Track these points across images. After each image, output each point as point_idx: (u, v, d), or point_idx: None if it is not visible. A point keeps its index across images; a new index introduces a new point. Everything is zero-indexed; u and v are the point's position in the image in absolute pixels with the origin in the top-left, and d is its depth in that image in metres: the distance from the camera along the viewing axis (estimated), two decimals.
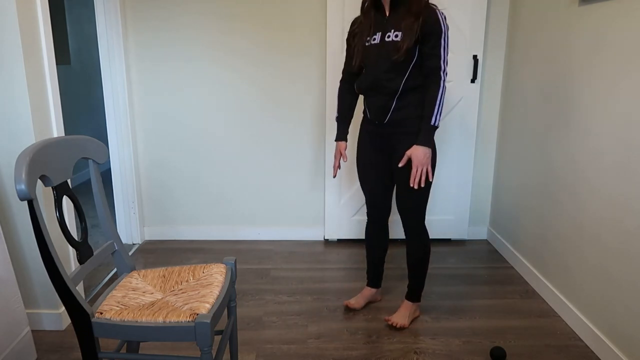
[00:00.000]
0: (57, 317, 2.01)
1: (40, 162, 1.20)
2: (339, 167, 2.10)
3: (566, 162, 2.13)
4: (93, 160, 1.47)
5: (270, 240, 3.06)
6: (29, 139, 1.80)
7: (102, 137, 2.43)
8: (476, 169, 2.98)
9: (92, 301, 2.27)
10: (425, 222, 2.01)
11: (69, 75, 4.24)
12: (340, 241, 3.03)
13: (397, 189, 1.97)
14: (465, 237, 3.05)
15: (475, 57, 2.72)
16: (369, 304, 2.25)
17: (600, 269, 1.88)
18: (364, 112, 2.04)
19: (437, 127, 1.82)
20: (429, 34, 1.77)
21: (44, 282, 1.97)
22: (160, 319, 1.26)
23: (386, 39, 1.83)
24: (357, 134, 2.10)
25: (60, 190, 1.29)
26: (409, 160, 1.86)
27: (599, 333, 1.88)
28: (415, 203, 1.93)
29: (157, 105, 2.86)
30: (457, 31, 2.69)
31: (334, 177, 2.12)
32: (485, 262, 2.76)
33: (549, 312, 2.21)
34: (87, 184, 4.34)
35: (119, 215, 2.96)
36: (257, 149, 2.93)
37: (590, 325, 1.93)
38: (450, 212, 2.98)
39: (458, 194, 2.95)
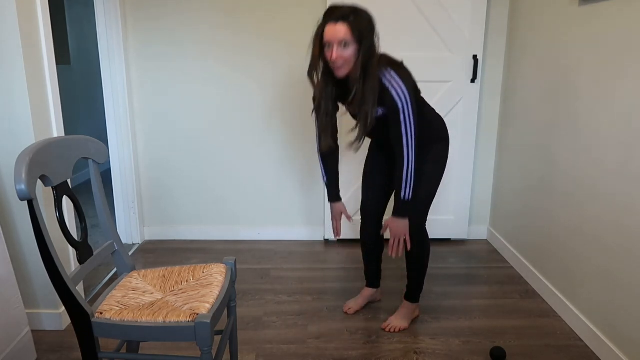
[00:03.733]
0: (57, 317, 2.01)
1: (40, 162, 1.20)
2: (340, 226, 2.07)
3: (566, 162, 2.13)
4: (93, 160, 1.47)
5: (270, 240, 3.06)
6: (29, 139, 1.80)
7: (102, 137, 2.42)
8: (476, 169, 2.98)
9: (92, 301, 2.27)
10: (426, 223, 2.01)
11: (69, 75, 4.24)
12: (340, 241, 3.03)
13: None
14: (465, 237, 3.05)
15: (475, 57, 2.73)
16: (369, 304, 2.25)
17: (600, 268, 1.88)
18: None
19: (409, 201, 1.80)
20: (389, 113, 1.73)
21: (44, 282, 1.97)
22: (160, 319, 1.26)
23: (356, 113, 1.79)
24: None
25: (60, 190, 1.29)
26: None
27: (599, 333, 1.88)
28: (418, 206, 1.92)
29: (157, 105, 2.86)
30: (457, 31, 2.69)
31: (337, 237, 2.08)
32: (485, 262, 2.76)
33: (549, 312, 2.21)
34: (87, 184, 4.34)
35: (119, 215, 2.96)
36: (257, 149, 2.93)
37: (590, 325, 1.93)
38: (450, 212, 2.98)
39: (458, 194, 2.95)
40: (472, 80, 2.76)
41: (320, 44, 1.71)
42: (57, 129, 1.94)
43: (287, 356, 1.88)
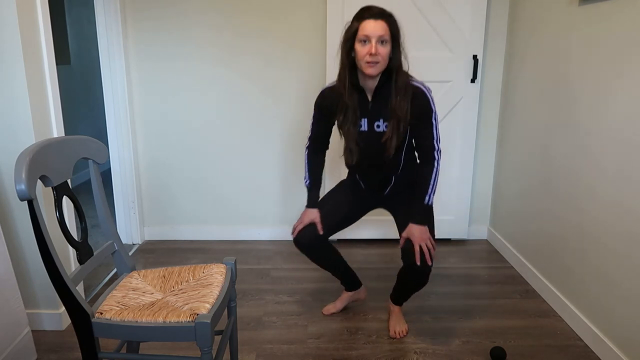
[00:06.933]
0: (57, 317, 2.01)
1: (40, 162, 1.20)
2: (302, 229, 1.91)
3: (566, 162, 2.13)
4: (93, 160, 1.47)
5: (270, 240, 3.06)
6: (29, 139, 1.80)
7: (102, 137, 2.43)
8: (476, 169, 2.98)
9: (92, 301, 2.27)
10: None
11: (69, 75, 4.24)
12: (340, 241, 3.03)
13: (405, 241, 1.80)
14: (465, 237, 3.05)
15: (475, 57, 2.73)
16: (362, 303, 2.25)
17: (600, 268, 1.88)
18: (352, 175, 2.00)
19: (431, 206, 1.78)
20: (419, 117, 1.73)
21: (44, 282, 1.96)
22: (160, 319, 1.26)
23: (376, 129, 1.78)
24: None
25: (60, 191, 1.29)
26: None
27: (599, 333, 1.88)
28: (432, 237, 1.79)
29: (157, 105, 2.86)
30: (457, 31, 2.69)
31: (294, 235, 1.90)
32: (485, 262, 2.76)
33: (549, 312, 2.21)
34: (87, 184, 4.34)
35: (119, 215, 2.96)
36: (257, 148, 2.93)
37: (590, 325, 1.93)
38: (450, 212, 2.98)
39: (458, 194, 2.95)
40: (472, 80, 2.77)
41: (349, 48, 1.70)
42: (57, 129, 1.94)
43: (287, 356, 1.88)
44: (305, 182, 2.00)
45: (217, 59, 2.79)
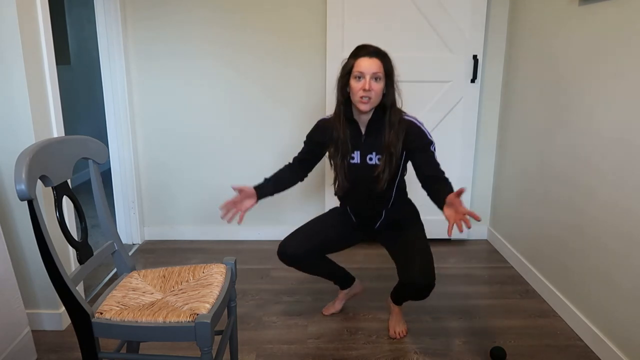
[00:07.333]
0: (57, 317, 2.01)
1: (40, 162, 1.20)
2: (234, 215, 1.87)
3: (566, 162, 2.13)
4: (93, 160, 1.47)
5: (270, 240, 3.05)
6: (29, 139, 1.80)
7: (102, 137, 2.42)
8: (476, 169, 2.98)
9: (92, 301, 2.27)
10: (427, 230, 1.96)
11: (69, 75, 4.24)
12: None
13: (403, 260, 1.82)
14: (465, 237, 3.05)
15: (475, 57, 2.73)
16: (360, 300, 2.24)
17: (600, 268, 1.88)
18: (343, 207, 2.02)
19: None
20: (419, 149, 1.75)
21: (44, 282, 1.96)
22: (160, 319, 1.26)
23: (368, 162, 1.81)
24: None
25: (60, 190, 1.29)
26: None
27: (599, 333, 1.88)
28: (431, 259, 1.79)
29: (157, 105, 2.86)
30: (457, 31, 2.69)
31: (223, 217, 1.88)
32: (485, 262, 2.76)
33: (549, 312, 2.21)
34: (87, 184, 4.34)
35: (119, 215, 2.96)
36: (257, 148, 2.93)
37: (590, 325, 1.93)
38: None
39: None
40: (472, 80, 2.76)
41: (344, 84, 1.75)
42: (57, 129, 1.94)
43: (287, 356, 1.88)
44: (267, 178, 1.98)
45: (218, 59, 2.79)
